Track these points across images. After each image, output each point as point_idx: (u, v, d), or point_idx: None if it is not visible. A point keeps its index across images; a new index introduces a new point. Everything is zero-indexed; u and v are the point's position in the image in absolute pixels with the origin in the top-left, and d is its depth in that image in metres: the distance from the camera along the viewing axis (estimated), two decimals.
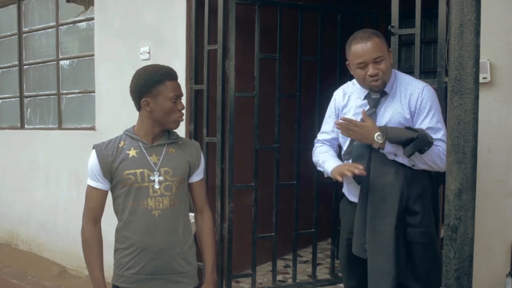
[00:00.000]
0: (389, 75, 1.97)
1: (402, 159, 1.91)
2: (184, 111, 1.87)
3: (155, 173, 1.81)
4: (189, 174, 1.92)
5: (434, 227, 2.03)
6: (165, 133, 1.88)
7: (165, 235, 1.81)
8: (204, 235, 1.98)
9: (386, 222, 1.89)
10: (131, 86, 1.84)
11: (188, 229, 1.92)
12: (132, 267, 1.81)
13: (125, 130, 1.89)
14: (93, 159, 1.82)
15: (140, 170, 1.80)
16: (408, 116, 1.94)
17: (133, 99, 1.85)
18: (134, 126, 1.88)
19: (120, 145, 1.83)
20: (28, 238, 4.85)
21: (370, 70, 1.91)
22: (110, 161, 1.80)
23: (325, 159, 2.12)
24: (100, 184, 1.82)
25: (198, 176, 1.95)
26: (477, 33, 1.12)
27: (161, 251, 1.80)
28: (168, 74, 1.82)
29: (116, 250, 1.87)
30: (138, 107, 1.84)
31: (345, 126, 1.92)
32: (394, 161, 1.94)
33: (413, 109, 1.94)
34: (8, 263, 4.54)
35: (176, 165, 1.85)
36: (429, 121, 1.91)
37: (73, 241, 4.22)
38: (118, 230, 1.86)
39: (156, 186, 1.81)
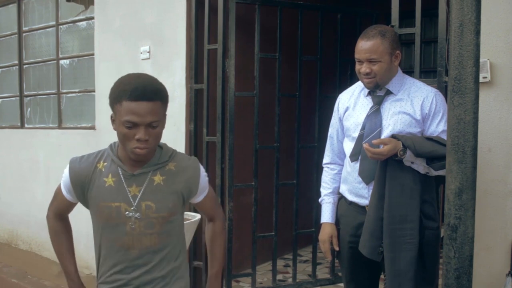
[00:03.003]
0: (385, 77, 1.99)
1: (417, 167, 1.91)
2: (151, 139, 1.48)
3: (132, 208, 1.54)
4: (188, 199, 1.68)
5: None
6: (155, 154, 1.58)
7: (145, 274, 1.58)
8: (213, 243, 1.79)
9: (408, 227, 1.89)
10: None
11: (176, 255, 1.66)
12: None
13: (110, 145, 1.62)
14: (65, 175, 1.63)
15: (116, 204, 1.54)
16: (419, 118, 1.97)
17: None
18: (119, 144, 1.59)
19: (98, 166, 1.58)
20: (28, 237, 4.85)
21: (363, 68, 1.97)
22: (83, 182, 1.58)
23: (323, 202, 2.28)
24: (70, 196, 1.65)
25: (200, 196, 1.70)
26: (477, 33, 1.11)
27: (143, 285, 1.60)
28: (128, 92, 1.43)
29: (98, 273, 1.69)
30: None
31: (371, 152, 1.89)
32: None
33: (426, 112, 1.97)
34: (8, 263, 4.54)
35: (162, 198, 1.56)
36: (444, 124, 1.96)
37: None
38: (97, 263, 1.68)
39: (133, 225, 1.54)
